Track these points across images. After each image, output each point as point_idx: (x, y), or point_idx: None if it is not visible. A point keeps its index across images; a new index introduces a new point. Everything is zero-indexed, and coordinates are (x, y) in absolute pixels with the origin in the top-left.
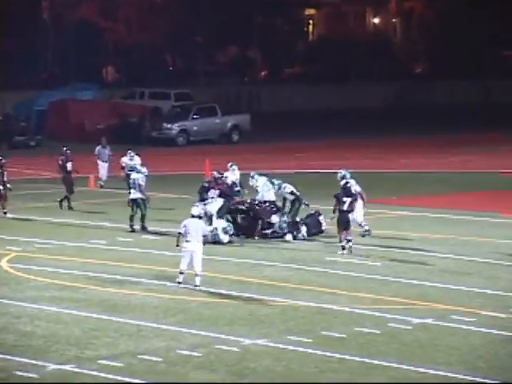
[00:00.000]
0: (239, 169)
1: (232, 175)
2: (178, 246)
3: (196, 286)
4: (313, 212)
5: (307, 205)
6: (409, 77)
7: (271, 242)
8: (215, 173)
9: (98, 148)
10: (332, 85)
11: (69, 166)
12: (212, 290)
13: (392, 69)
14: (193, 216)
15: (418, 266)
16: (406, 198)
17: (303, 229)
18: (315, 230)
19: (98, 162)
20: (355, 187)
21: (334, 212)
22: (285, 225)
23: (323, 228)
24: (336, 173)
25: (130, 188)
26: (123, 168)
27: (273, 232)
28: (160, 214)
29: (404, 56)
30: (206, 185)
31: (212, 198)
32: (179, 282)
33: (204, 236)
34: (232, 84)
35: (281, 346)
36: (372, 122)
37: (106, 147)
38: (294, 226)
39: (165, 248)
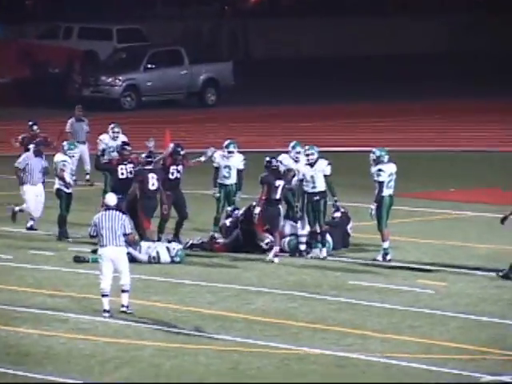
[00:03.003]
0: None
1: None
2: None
3: (123, 307)
4: (338, 215)
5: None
6: (471, 9)
7: (265, 257)
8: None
9: (71, 121)
10: (357, 20)
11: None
12: (175, 330)
13: None
14: (108, 208)
15: (490, 294)
16: (469, 190)
17: (329, 241)
18: (339, 245)
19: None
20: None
21: (259, 203)
22: (294, 241)
23: (349, 240)
24: (367, 153)
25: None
26: (103, 152)
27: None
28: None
29: None
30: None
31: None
32: (106, 312)
33: (126, 235)
34: (206, 16)
35: None
36: (416, 77)
37: (84, 120)
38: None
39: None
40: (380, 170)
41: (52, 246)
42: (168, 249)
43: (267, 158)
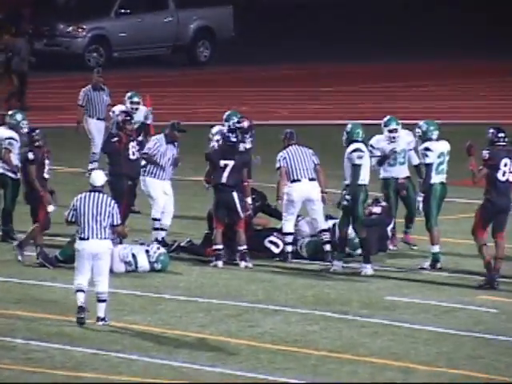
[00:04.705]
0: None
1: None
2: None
3: (99, 319)
4: (378, 211)
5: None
6: None
7: (274, 264)
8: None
9: (86, 91)
10: None
11: None
12: (157, 361)
13: None
14: (94, 189)
15: None
16: None
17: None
18: (374, 249)
19: (89, 120)
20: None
21: (207, 188)
22: (313, 243)
23: (390, 245)
24: (409, 126)
25: None
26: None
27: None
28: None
29: None
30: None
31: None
32: (81, 311)
33: (114, 226)
34: None
35: None
36: (469, 25)
37: (104, 89)
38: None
39: (60, 276)
40: (427, 150)
41: None
42: (147, 252)
43: (224, 130)
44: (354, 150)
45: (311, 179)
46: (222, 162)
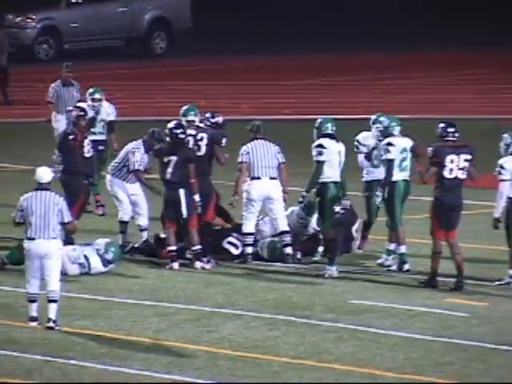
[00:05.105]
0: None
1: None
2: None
3: (50, 321)
4: (341, 211)
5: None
6: None
7: (233, 266)
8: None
9: (55, 86)
10: None
11: None
12: (111, 368)
13: None
14: (40, 187)
15: None
16: None
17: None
18: (339, 251)
19: (58, 117)
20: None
21: (152, 189)
22: (274, 244)
23: (354, 246)
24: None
25: None
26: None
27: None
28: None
29: None
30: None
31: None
32: (34, 320)
33: (64, 224)
34: None
35: None
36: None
37: (73, 84)
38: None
39: (6, 279)
40: (389, 145)
41: None
42: (97, 250)
43: (171, 125)
44: (316, 146)
45: (272, 178)
46: (166, 158)
